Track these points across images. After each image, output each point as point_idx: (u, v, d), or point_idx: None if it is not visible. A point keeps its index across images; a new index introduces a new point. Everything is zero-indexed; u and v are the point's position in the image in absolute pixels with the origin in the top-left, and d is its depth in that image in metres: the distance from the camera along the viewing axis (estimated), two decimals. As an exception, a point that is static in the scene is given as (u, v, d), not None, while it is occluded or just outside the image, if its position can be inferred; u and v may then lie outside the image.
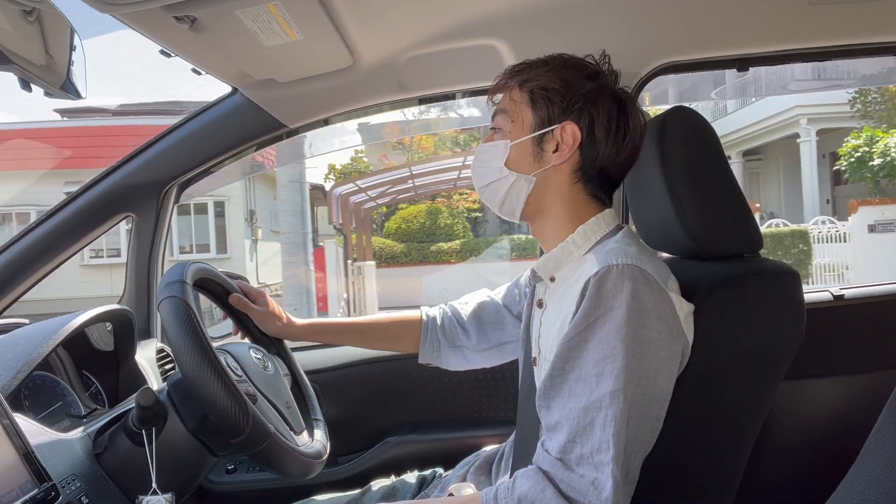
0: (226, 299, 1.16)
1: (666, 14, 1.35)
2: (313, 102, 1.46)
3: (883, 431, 0.55)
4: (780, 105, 13.52)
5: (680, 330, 0.84)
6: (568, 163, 0.93)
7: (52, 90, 0.95)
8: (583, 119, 0.92)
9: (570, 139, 0.92)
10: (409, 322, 1.25)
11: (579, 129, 0.91)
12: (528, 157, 0.94)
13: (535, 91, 0.93)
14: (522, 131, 0.94)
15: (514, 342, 1.21)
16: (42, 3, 0.86)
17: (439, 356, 1.23)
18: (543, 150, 0.93)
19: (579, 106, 0.91)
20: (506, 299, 1.23)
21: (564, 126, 0.92)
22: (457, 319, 1.23)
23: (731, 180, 0.97)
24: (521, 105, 0.95)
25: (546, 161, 0.93)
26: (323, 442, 1.10)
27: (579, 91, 0.92)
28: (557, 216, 0.95)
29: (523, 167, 0.94)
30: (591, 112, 0.91)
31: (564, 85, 0.92)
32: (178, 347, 0.89)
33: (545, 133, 0.93)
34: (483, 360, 1.23)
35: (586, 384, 0.80)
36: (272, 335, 1.20)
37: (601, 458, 0.77)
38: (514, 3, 1.28)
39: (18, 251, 1.41)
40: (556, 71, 0.93)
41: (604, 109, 0.92)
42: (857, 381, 1.40)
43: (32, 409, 1.07)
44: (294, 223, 6.81)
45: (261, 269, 14.88)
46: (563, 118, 0.92)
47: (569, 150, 0.92)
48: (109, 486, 0.94)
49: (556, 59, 0.96)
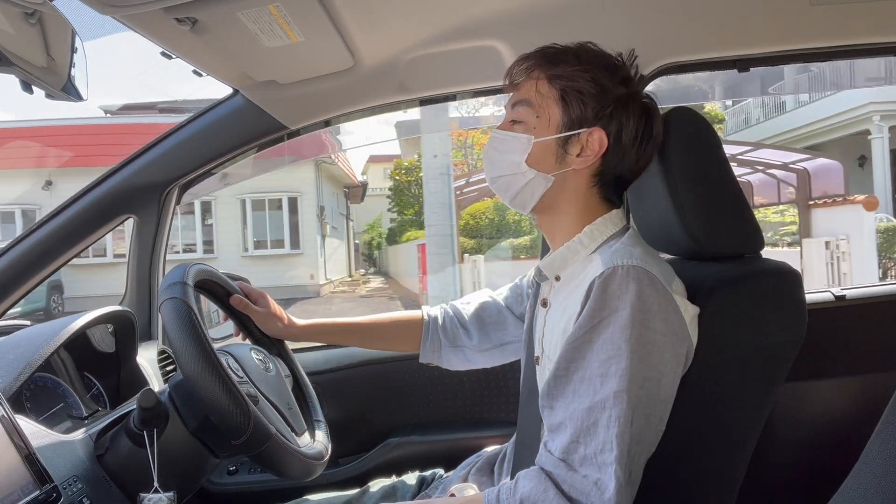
0: (227, 300, 1.16)
1: (666, 15, 1.35)
2: (314, 104, 1.46)
3: (885, 432, 0.55)
4: (851, 101, 13.14)
5: (685, 332, 0.84)
6: (589, 167, 0.92)
7: (53, 92, 0.95)
8: (612, 126, 0.89)
9: (597, 145, 0.90)
10: (410, 322, 1.24)
11: (607, 136, 0.89)
12: (550, 156, 0.92)
13: (568, 91, 0.90)
14: (548, 129, 0.91)
15: (515, 342, 1.20)
16: (43, 5, 0.86)
17: (440, 356, 1.23)
18: (567, 152, 0.91)
19: (610, 112, 0.89)
20: (508, 300, 1.23)
21: (592, 132, 0.89)
22: (458, 319, 1.23)
23: (732, 181, 0.97)
24: (550, 101, 0.91)
25: (568, 164, 0.91)
26: (324, 443, 1.10)
27: (612, 97, 0.89)
28: (570, 215, 0.94)
29: (544, 166, 0.92)
30: (622, 119, 0.89)
31: (600, 90, 0.89)
32: (179, 349, 0.89)
33: (571, 135, 0.91)
34: (484, 360, 1.23)
35: (590, 385, 0.80)
36: (273, 336, 1.20)
37: (604, 458, 0.77)
38: (515, 4, 1.28)
39: (20, 253, 1.41)
40: (591, 72, 0.90)
41: (633, 118, 0.90)
42: (858, 382, 1.40)
43: (34, 410, 1.07)
44: (441, 216, 6.81)
45: (327, 263, 15.01)
46: (594, 123, 0.90)
47: (593, 157, 0.90)
48: (111, 488, 0.94)
49: (588, 54, 0.92)
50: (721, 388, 0.90)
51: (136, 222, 1.55)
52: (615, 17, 1.34)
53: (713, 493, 0.96)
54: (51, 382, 1.15)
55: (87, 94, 1.01)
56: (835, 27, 1.37)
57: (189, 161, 1.50)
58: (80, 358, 1.24)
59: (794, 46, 1.42)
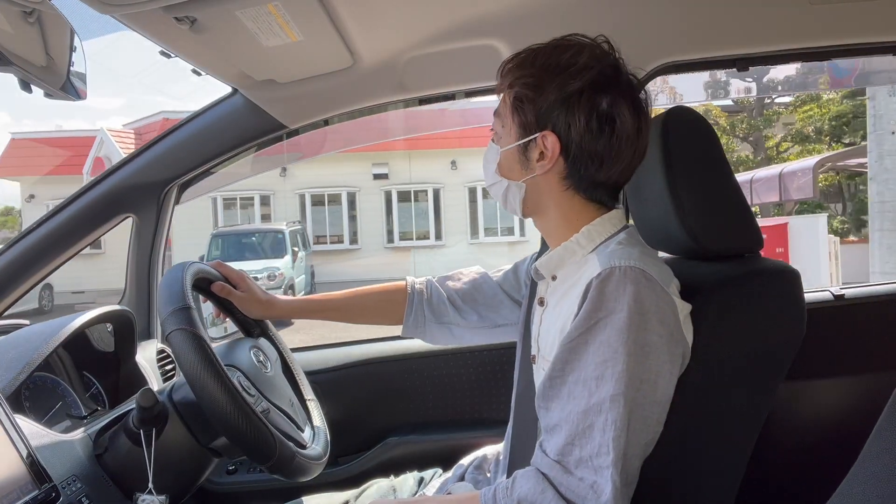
0: (208, 287, 1.14)
1: (666, 14, 1.35)
2: (313, 103, 1.46)
3: (884, 432, 0.55)
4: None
5: (680, 332, 0.84)
6: (553, 171, 0.90)
7: (52, 91, 0.95)
8: (560, 126, 0.87)
9: (551, 148, 0.88)
10: (394, 294, 1.21)
11: (557, 137, 0.87)
12: (515, 164, 0.92)
13: (516, 97, 0.90)
14: (510, 138, 0.92)
15: (507, 325, 1.19)
16: (42, 4, 0.86)
17: (424, 331, 1.20)
18: (528, 158, 0.90)
19: (556, 113, 0.87)
20: (504, 284, 1.20)
21: (545, 135, 0.87)
22: (447, 294, 1.20)
23: (731, 180, 0.97)
24: (509, 110, 0.91)
25: (532, 169, 0.91)
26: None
27: (553, 97, 0.86)
28: (555, 218, 0.94)
29: (512, 174, 0.93)
30: (568, 119, 0.86)
31: (537, 90, 0.87)
32: (198, 386, 0.89)
33: (529, 141, 0.90)
34: (472, 337, 1.20)
35: (586, 387, 0.79)
36: (255, 318, 1.19)
37: (601, 461, 0.76)
38: (514, 3, 1.27)
39: (19, 252, 1.41)
40: (535, 75, 0.88)
41: (582, 115, 0.85)
42: (857, 381, 1.40)
43: (33, 409, 1.07)
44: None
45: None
46: (542, 126, 0.88)
47: (550, 160, 0.88)
48: (110, 487, 0.94)
49: (546, 52, 0.89)
50: (720, 388, 0.90)
51: (135, 221, 1.55)
52: (614, 16, 1.34)
53: (712, 493, 0.96)
54: (50, 382, 1.15)
55: (85, 93, 1.01)
56: (835, 26, 1.37)
57: (188, 160, 1.50)
58: (79, 357, 1.24)
59: (793, 45, 1.42)
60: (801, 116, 14.02)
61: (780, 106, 14.65)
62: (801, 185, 8.85)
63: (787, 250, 8.58)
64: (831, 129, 13.60)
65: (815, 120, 13.69)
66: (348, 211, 15.30)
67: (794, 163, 10.34)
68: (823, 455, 1.28)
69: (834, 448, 1.07)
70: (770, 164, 12.97)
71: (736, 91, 7.47)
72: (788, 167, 9.44)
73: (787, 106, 14.54)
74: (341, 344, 1.71)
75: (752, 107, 14.37)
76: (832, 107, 13.58)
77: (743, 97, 13.98)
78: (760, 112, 14.30)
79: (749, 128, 14.36)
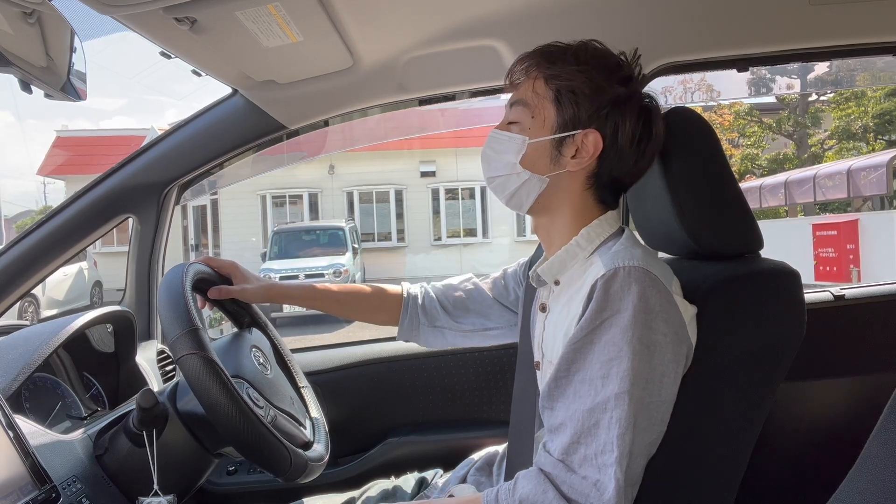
0: (205, 288, 1.11)
1: (666, 15, 1.35)
2: (313, 104, 1.46)
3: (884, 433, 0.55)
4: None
5: (685, 332, 0.84)
6: (584, 169, 0.91)
7: (52, 92, 0.95)
8: (607, 127, 0.88)
9: (591, 147, 0.88)
10: (389, 295, 1.22)
11: (602, 138, 0.88)
12: (544, 157, 0.91)
13: (562, 91, 0.89)
14: (542, 130, 0.90)
15: (498, 329, 1.21)
16: (42, 5, 0.86)
17: (418, 335, 1.21)
18: (562, 153, 0.90)
19: (605, 113, 0.88)
20: (494, 291, 1.22)
21: (587, 133, 0.88)
22: (439, 301, 1.21)
23: (731, 180, 0.97)
24: (545, 101, 0.90)
25: (562, 165, 0.90)
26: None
27: (608, 97, 0.88)
28: (564, 217, 0.94)
29: (538, 167, 0.91)
30: (617, 120, 0.88)
31: (595, 90, 0.88)
32: (218, 414, 0.88)
33: (566, 137, 0.90)
34: (465, 341, 1.22)
35: (591, 386, 0.79)
36: (258, 302, 1.17)
37: (605, 459, 0.77)
38: (514, 3, 1.27)
39: (20, 252, 1.41)
40: (588, 72, 0.88)
41: (630, 119, 0.88)
42: (857, 382, 1.40)
43: (33, 410, 1.07)
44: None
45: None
46: (588, 124, 0.88)
47: (588, 158, 0.89)
48: (110, 488, 0.94)
49: (588, 53, 0.90)
50: (720, 388, 0.90)
51: (135, 222, 1.55)
52: (614, 16, 1.34)
53: (712, 492, 0.96)
54: (50, 382, 1.15)
55: (86, 93, 1.01)
56: (835, 27, 1.37)
57: (188, 161, 1.50)
58: (79, 358, 1.24)
59: (793, 46, 1.42)
60: (838, 115, 14.01)
61: (823, 104, 14.68)
62: (873, 181, 8.70)
63: (858, 247, 8.38)
64: (875, 126, 13.63)
65: (859, 116, 13.66)
66: (395, 209, 15.30)
67: (861, 159, 10.13)
68: (823, 455, 1.28)
69: (834, 448, 1.07)
70: (814, 162, 13.02)
71: (779, 88, 7.43)
72: (856, 164, 9.29)
73: (829, 104, 14.54)
74: (342, 344, 1.71)
75: (796, 104, 14.38)
76: (872, 106, 13.58)
77: (785, 94, 14.02)
78: (805, 110, 14.31)
79: (795, 125, 14.38)
